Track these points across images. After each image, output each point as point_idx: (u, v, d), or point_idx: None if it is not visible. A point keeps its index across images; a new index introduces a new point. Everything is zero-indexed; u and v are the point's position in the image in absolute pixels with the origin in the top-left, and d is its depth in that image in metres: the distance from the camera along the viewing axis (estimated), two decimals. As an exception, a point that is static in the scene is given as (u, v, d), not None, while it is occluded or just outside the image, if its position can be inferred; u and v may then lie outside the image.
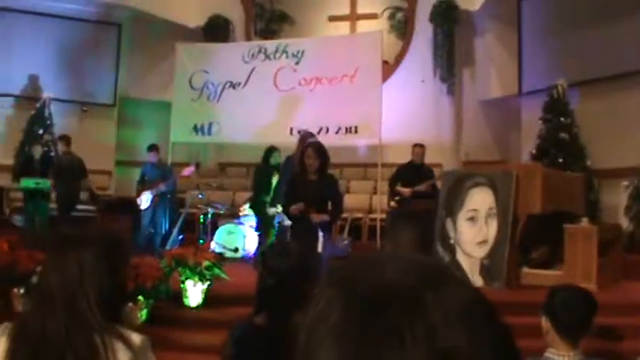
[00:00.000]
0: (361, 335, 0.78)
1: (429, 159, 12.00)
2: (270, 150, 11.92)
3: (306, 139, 9.73)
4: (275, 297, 3.36)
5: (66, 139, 13.41)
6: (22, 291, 6.99)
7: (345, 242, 12.38)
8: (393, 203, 11.51)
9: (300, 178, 8.09)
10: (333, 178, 8.47)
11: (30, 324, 2.26)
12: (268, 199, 11.24)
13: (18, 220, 13.33)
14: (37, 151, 13.32)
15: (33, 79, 16.24)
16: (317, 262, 6.88)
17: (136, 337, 2.33)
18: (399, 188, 11.28)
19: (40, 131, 15.28)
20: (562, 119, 12.71)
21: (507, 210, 9.04)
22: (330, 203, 8.08)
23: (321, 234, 7.80)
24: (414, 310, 0.77)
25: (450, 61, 16.04)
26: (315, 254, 7.27)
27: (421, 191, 11.15)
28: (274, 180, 11.27)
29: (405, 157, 11.95)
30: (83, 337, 2.20)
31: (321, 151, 7.97)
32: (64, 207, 12.87)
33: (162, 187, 12.34)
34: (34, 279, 6.00)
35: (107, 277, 2.31)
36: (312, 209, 7.84)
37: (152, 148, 12.82)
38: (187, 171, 12.88)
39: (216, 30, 17.51)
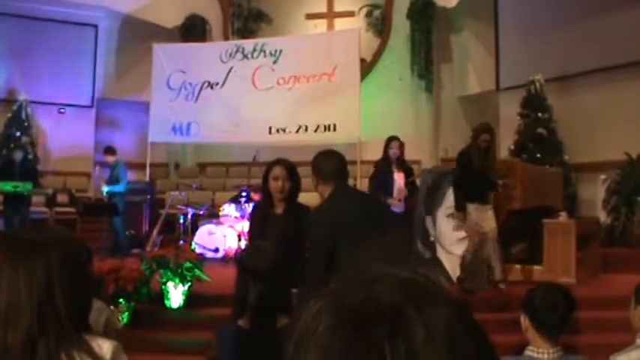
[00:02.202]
0: (344, 350, 0.78)
1: (407, 156, 11.99)
2: (392, 140, 10.10)
3: (481, 133, 8.48)
4: (256, 300, 3.35)
5: None
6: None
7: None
8: (372, 200, 11.45)
9: (262, 211, 5.58)
10: (307, 212, 5.42)
11: None
12: (390, 200, 9.42)
13: (-4, 223, 13.22)
14: (18, 155, 13.24)
15: (9, 82, 16.11)
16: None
17: (106, 348, 2.16)
18: (379, 186, 11.23)
19: (18, 134, 15.19)
20: (539, 114, 12.79)
21: (486, 206, 9.08)
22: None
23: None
24: (396, 328, 0.78)
25: (428, 58, 16.10)
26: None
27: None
28: (396, 176, 9.68)
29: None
30: (49, 351, 2.04)
31: (293, 170, 5.42)
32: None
33: (104, 188, 12.64)
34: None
35: (76, 282, 2.16)
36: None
37: (105, 150, 13.08)
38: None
39: (194, 30, 17.48)
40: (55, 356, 2.06)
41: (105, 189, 12.56)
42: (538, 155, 12.30)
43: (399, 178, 9.64)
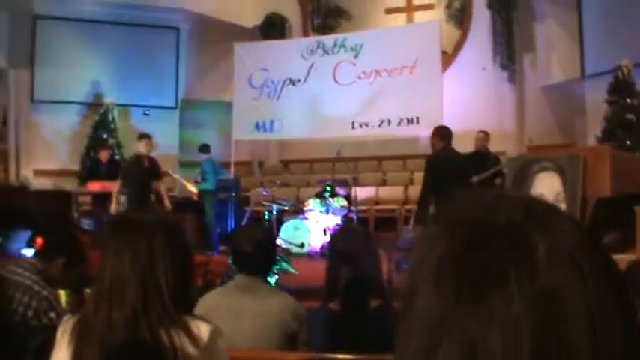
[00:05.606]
0: (462, 272, 0.75)
1: (492, 147, 11.84)
2: None
3: None
4: (348, 282, 3.33)
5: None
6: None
7: (412, 234, 12.31)
8: (458, 192, 11.32)
9: None
10: None
11: (95, 315, 2.16)
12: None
13: (86, 223, 13.55)
14: (104, 156, 13.59)
15: (95, 86, 16.55)
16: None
17: (204, 330, 2.21)
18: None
19: (105, 136, 15.59)
20: (628, 100, 12.45)
21: (575, 194, 8.88)
22: None
23: None
24: (520, 247, 0.74)
25: (510, 47, 15.85)
26: None
27: (488, 178, 10.97)
28: None
29: (467, 147, 11.78)
30: (150, 328, 2.11)
31: None
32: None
33: (192, 189, 13.37)
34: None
35: (178, 263, 2.22)
36: None
37: (200, 148, 13.79)
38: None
39: (273, 28, 17.60)
40: (155, 333, 2.12)
41: (193, 189, 12.88)
42: (627, 142, 11.98)
43: None
